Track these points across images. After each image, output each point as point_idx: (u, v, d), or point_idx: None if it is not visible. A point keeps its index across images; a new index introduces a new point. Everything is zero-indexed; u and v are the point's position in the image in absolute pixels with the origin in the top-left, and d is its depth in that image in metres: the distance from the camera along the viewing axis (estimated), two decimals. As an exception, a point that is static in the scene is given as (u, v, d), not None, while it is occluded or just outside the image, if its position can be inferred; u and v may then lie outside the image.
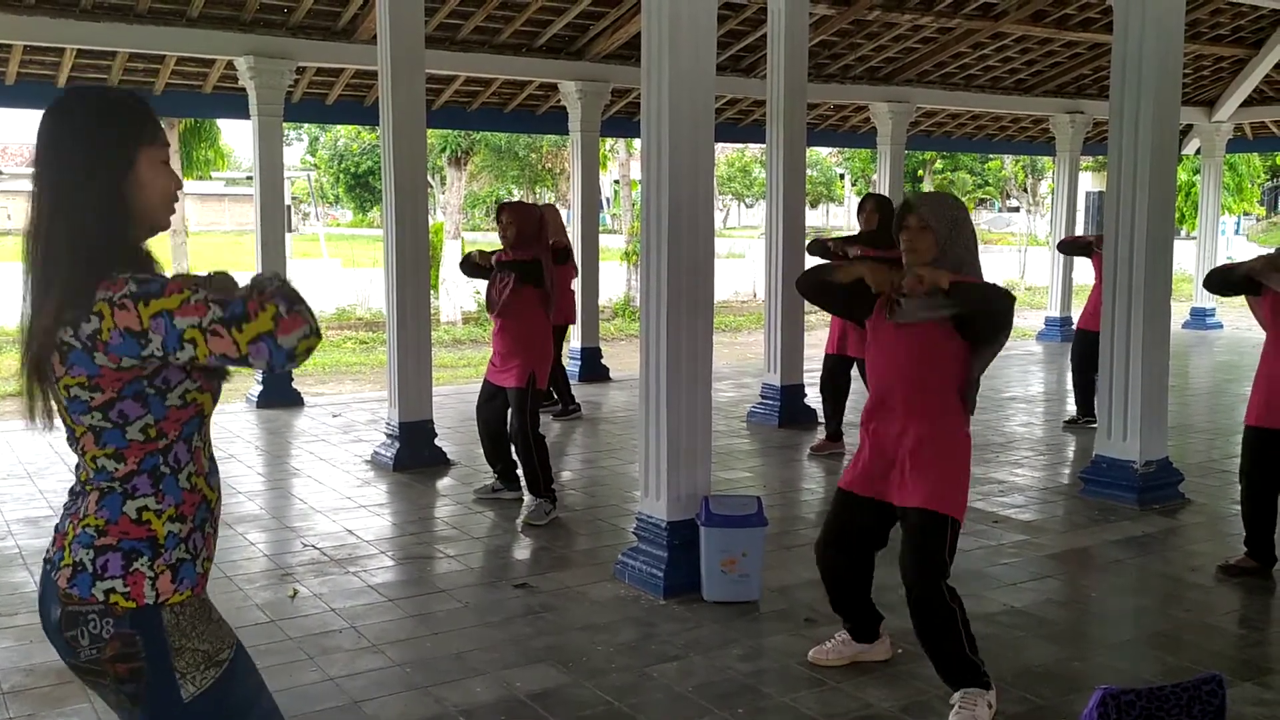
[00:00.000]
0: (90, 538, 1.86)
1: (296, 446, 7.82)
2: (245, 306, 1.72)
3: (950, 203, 3.51)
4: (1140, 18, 5.91)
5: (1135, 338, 6.03)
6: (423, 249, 7.12)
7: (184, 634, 1.88)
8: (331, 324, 17.35)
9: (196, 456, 1.93)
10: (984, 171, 36.46)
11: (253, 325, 1.71)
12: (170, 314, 1.73)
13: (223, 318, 1.72)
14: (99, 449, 1.86)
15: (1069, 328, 13.01)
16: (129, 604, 1.84)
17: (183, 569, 1.89)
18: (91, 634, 1.84)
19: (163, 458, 1.88)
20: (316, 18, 8.98)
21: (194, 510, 1.92)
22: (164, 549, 1.87)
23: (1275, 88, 14.04)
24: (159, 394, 1.84)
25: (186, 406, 1.88)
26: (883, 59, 11.85)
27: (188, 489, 1.91)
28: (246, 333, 1.71)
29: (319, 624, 4.34)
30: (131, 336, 1.75)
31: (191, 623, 1.89)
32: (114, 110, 1.89)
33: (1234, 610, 4.60)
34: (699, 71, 4.57)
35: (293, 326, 1.72)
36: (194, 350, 1.74)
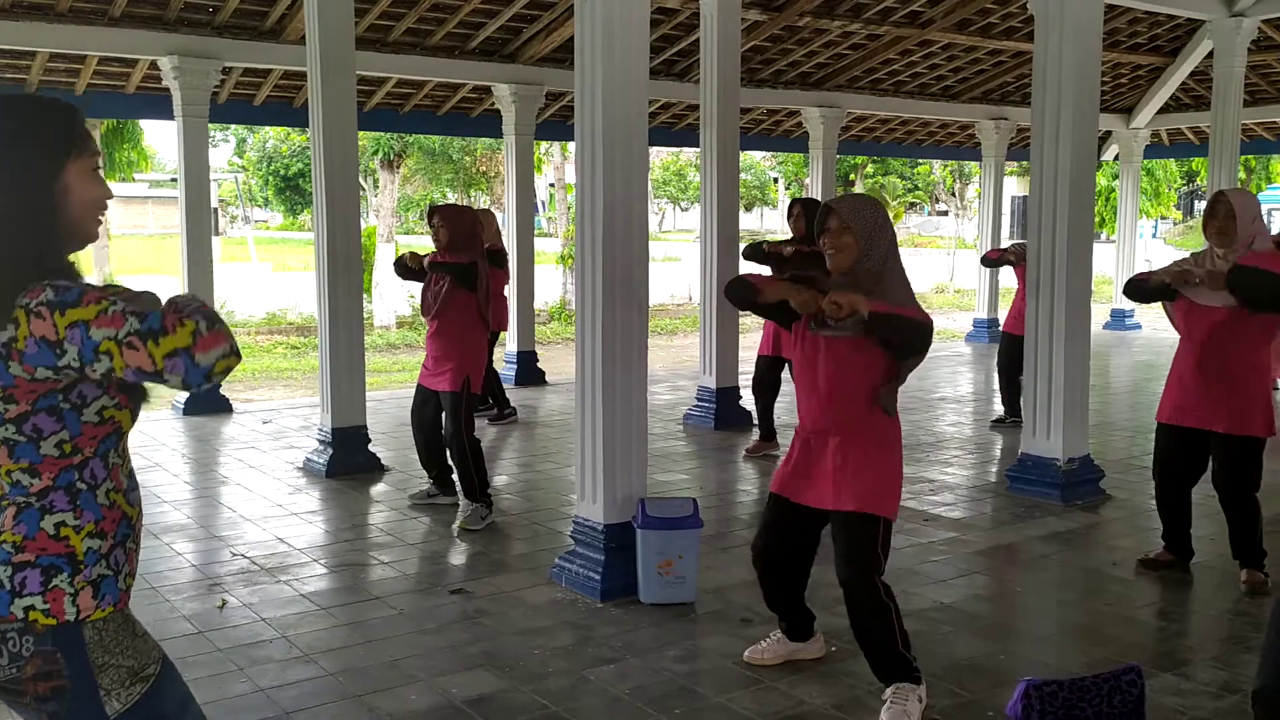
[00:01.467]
0: (7, 555, 1.81)
1: (225, 454, 7.69)
2: (163, 321, 1.69)
3: (870, 205, 3.56)
4: (1059, 27, 6.07)
5: (1058, 339, 6.18)
6: (355, 252, 7.04)
7: (107, 650, 1.84)
8: (261, 329, 17.07)
9: (114, 473, 1.89)
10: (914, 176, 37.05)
11: (170, 340, 1.67)
12: (86, 324, 1.69)
13: (139, 330, 1.68)
14: (13, 463, 1.81)
15: (996, 329, 13.28)
16: (49, 621, 1.80)
17: (104, 585, 1.85)
18: (11, 652, 1.80)
19: (78, 474, 1.84)
20: (243, 17, 8.84)
21: (114, 526, 1.88)
22: (84, 565, 1.84)
23: (1191, 95, 14.48)
24: (74, 410, 1.80)
25: (103, 423, 1.84)
26: (814, 64, 12.01)
27: (106, 505, 1.87)
28: (163, 347, 1.67)
29: (249, 634, 4.28)
30: (47, 346, 1.70)
31: (115, 639, 1.86)
32: (43, 118, 1.84)
33: (1153, 603, 4.74)
34: (632, 76, 4.60)
35: (212, 344, 1.69)
36: (110, 363, 1.69)
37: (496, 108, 10.79)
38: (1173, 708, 3.57)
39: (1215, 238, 4.64)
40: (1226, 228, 4.58)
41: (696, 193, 18.59)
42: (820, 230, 3.50)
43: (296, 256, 29.43)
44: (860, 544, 3.45)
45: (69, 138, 1.84)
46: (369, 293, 17.84)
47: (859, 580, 3.45)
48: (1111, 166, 19.37)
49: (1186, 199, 40.25)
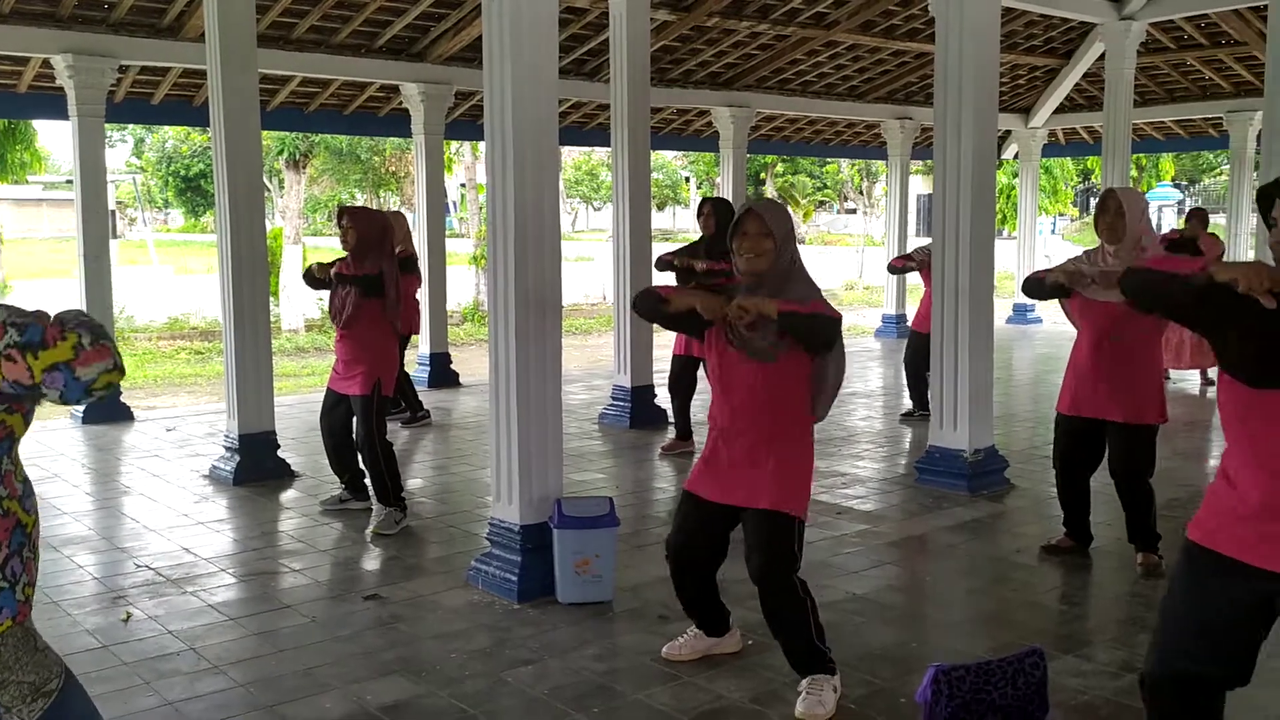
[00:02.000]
0: None
1: (127, 463, 7.46)
2: (44, 334, 1.64)
3: (786, 212, 3.66)
4: (959, 29, 6.23)
5: (962, 334, 6.35)
6: (260, 255, 6.90)
7: (6, 666, 1.78)
8: (163, 334, 16.59)
9: (7, 480, 1.83)
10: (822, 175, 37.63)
11: (50, 354, 1.63)
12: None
13: (19, 343, 1.64)
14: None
15: (904, 324, 13.58)
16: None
17: (1, 598, 1.79)
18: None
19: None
20: (139, 14, 8.58)
21: (8, 535, 1.82)
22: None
23: (1085, 96, 14.98)
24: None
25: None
26: (723, 64, 12.11)
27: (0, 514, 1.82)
28: (43, 360, 1.63)
29: (155, 647, 4.16)
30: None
31: (15, 654, 1.80)
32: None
33: (1055, 588, 4.90)
34: (542, 75, 4.59)
35: (94, 359, 1.64)
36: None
37: (405, 107, 10.66)
38: (1074, 688, 3.70)
39: (1106, 234, 4.82)
40: (1116, 224, 4.77)
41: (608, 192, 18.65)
42: (737, 232, 3.53)
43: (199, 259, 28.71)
44: (775, 542, 3.49)
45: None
46: (276, 296, 17.48)
47: (775, 578, 3.50)
48: (1011, 165, 19.91)
49: (1083, 196, 41.59)
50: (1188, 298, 2.42)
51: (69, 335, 1.65)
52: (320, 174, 26.96)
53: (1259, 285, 2.21)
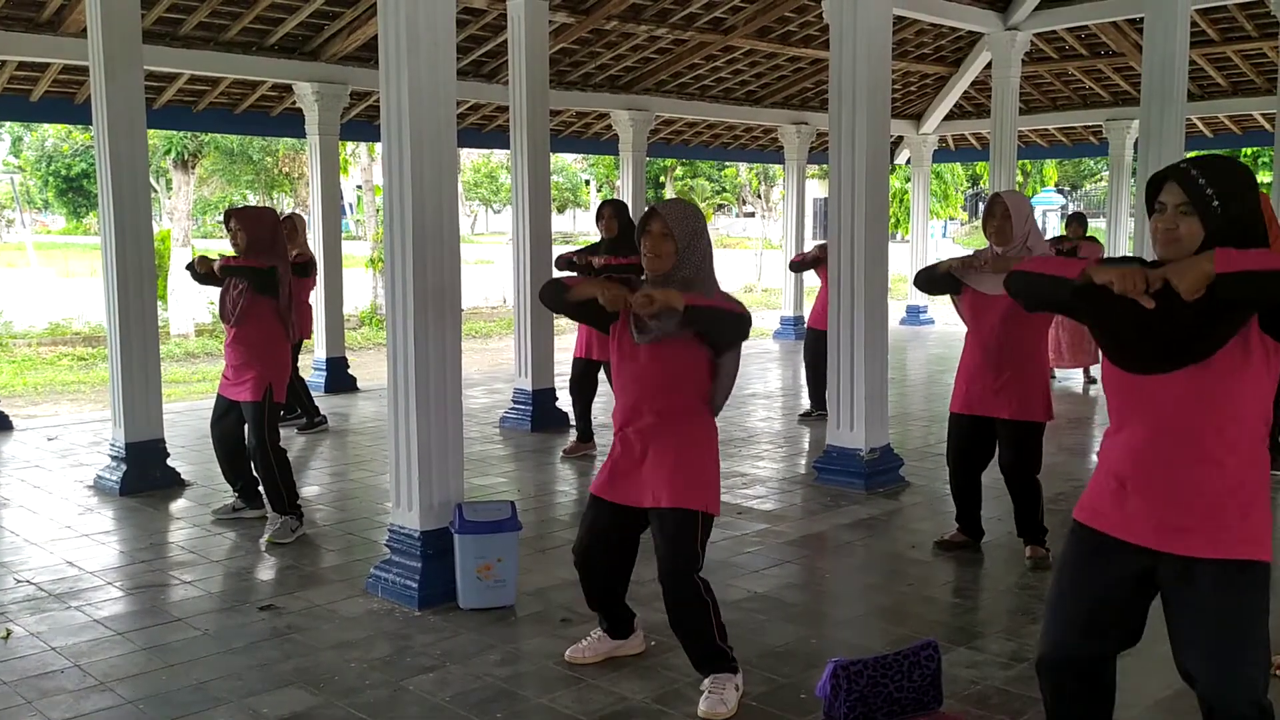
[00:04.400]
0: None
1: (6, 474, 7.14)
2: None
3: (692, 212, 3.63)
4: (853, 36, 6.36)
5: (858, 335, 6.48)
6: (146, 257, 6.68)
7: None
8: (44, 340, 15.93)
9: None
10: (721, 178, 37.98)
11: None
12: None
13: None
14: None
15: (802, 326, 13.78)
16: None
17: None
18: None
19: None
20: (16, 7, 8.22)
21: None
22: None
23: (973, 103, 15.43)
24: None
25: None
26: (622, 68, 12.15)
27: None
28: None
29: (37, 664, 3.99)
30: None
31: None
32: None
33: (949, 581, 5.03)
34: (439, 76, 4.54)
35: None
36: None
37: (298, 107, 10.44)
38: (967, 679, 3.80)
39: (994, 236, 4.98)
40: (1004, 227, 4.94)
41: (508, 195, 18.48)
42: (642, 233, 3.55)
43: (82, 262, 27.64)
44: (678, 540, 3.52)
45: None
46: (164, 300, 16.93)
47: (677, 576, 3.52)
48: (904, 170, 20.40)
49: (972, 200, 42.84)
50: (1070, 297, 2.53)
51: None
52: (210, 174, 26.20)
53: (1133, 288, 2.33)
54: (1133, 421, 2.53)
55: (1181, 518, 2.45)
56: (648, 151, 13.38)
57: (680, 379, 3.55)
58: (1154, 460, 2.48)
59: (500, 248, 31.13)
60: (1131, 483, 2.52)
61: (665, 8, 10.78)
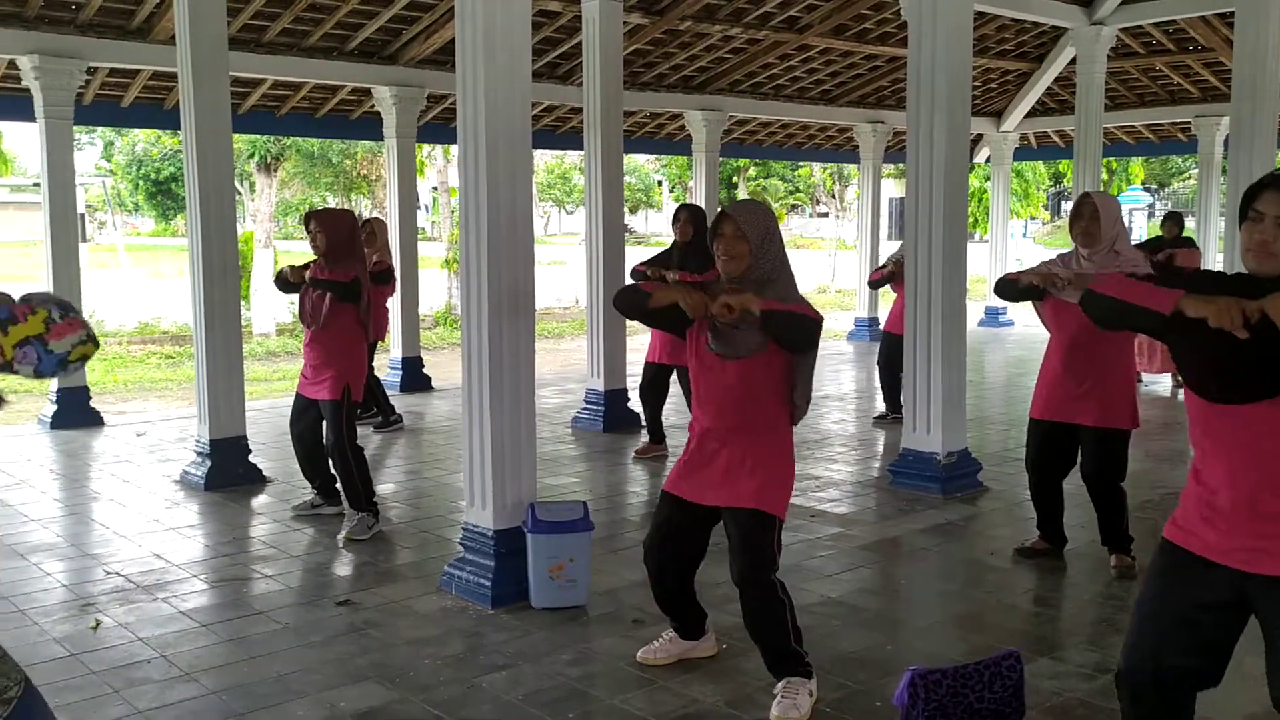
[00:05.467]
0: None
1: (97, 469, 7.37)
2: (12, 310, 1.63)
3: (763, 212, 3.61)
4: (932, 33, 6.26)
5: (935, 337, 6.37)
6: (231, 258, 6.84)
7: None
8: (134, 339, 16.42)
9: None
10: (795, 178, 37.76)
11: (20, 328, 1.62)
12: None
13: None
14: None
15: (876, 328, 13.64)
16: None
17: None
18: None
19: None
20: (108, 15, 8.49)
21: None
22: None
23: (1056, 100, 15.10)
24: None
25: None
26: (696, 68, 12.13)
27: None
28: (13, 336, 1.62)
29: (125, 655, 4.11)
30: None
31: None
32: None
33: (1030, 590, 4.92)
34: (515, 78, 4.57)
35: (66, 331, 1.63)
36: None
37: (377, 110, 10.61)
38: (1050, 690, 3.71)
39: (1081, 238, 4.84)
40: (1091, 229, 4.79)
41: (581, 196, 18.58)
42: (714, 236, 3.54)
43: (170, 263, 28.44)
44: (755, 541, 3.49)
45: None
46: (247, 300, 17.34)
47: (754, 578, 3.50)
48: (983, 168, 20.07)
49: (1054, 200, 41.97)
50: (1154, 326, 2.47)
51: (38, 310, 1.63)
52: (292, 177, 26.79)
53: (1230, 323, 2.26)
54: (1217, 447, 2.48)
55: (1270, 541, 2.39)
56: (721, 152, 13.32)
57: (758, 389, 3.52)
58: (1240, 485, 2.43)
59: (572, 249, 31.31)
60: (1219, 506, 2.47)
61: (740, 7, 10.73)
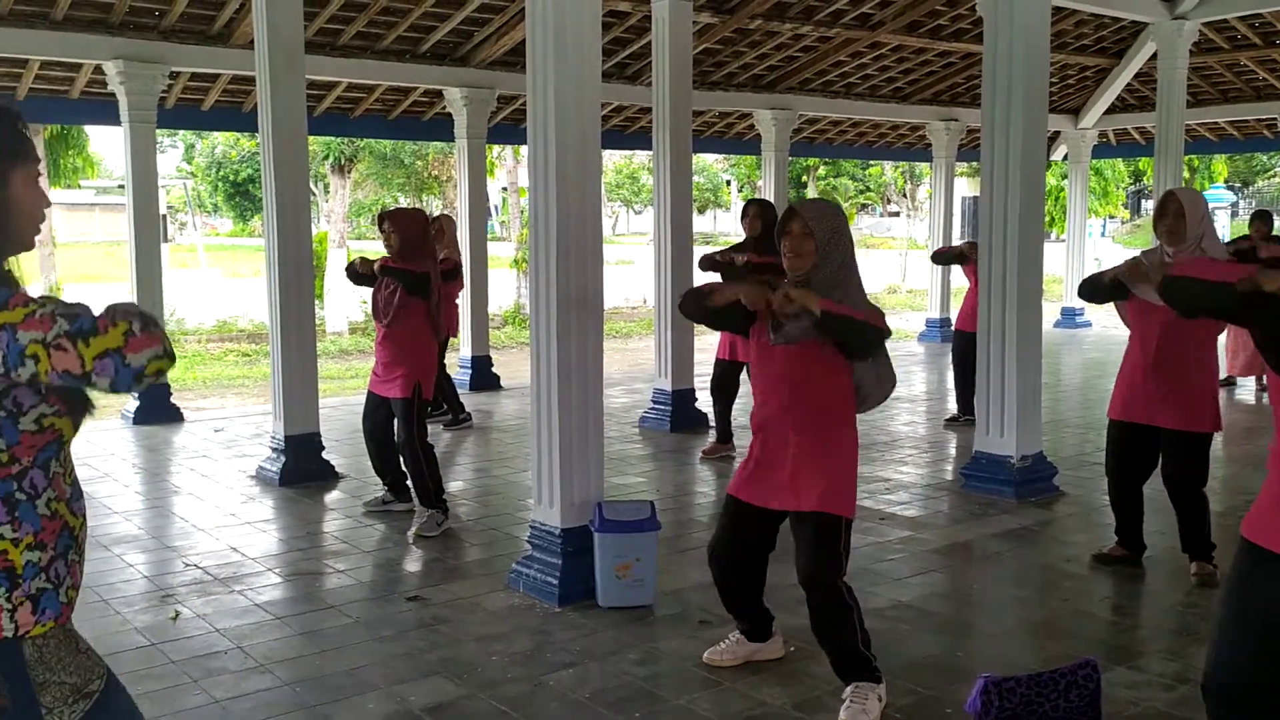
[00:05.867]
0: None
1: (177, 463, 7.56)
2: (95, 321, 1.65)
3: (831, 211, 3.57)
4: (1009, 29, 6.14)
5: (1010, 338, 6.25)
6: (306, 258, 6.96)
7: (48, 667, 1.79)
8: (212, 337, 16.82)
9: (55, 482, 1.83)
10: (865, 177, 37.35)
11: (101, 340, 1.63)
12: (13, 327, 1.64)
13: (69, 331, 1.63)
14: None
15: (948, 328, 13.42)
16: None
17: (44, 599, 1.80)
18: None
19: (17, 484, 1.78)
20: (190, 21, 8.71)
21: (55, 537, 1.82)
22: (22, 579, 1.78)
23: (1136, 96, 14.74)
24: (11, 417, 1.74)
25: (43, 432, 1.79)
26: (765, 67, 12.06)
27: (47, 515, 1.81)
28: (94, 347, 1.63)
29: (203, 645, 4.20)
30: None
31: (56, 655, 1.80)
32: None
33: (1107, 597, 4.80)
34: (585, 79, 4.58)
35: (144, 345, 1.65)
36: (35, 367, 1.64)
37: (448, 111, 10.73)
38: (1127, 700, 3.62)
39: (1165, 236, 4.71)
40: (1176, 227, 4.65)
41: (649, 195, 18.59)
42: (781, 233, 3.51)
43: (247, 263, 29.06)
44: (822, 544, 3.46)
45: (15, 146, 1.79)
46: (321, 299, 17.64)
47: (821, 581, 3.46)
48: (1060, 166, 19.66)
49: (1134, 198, 40.97)
50: (1232, 306, 2.38)
51: (119, 323, 1.65)
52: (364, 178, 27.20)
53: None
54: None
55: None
56: (790, 151, 13.23)
57: (819, 384, 3.48)
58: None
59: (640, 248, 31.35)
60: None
61: (811, 5, 10.64)
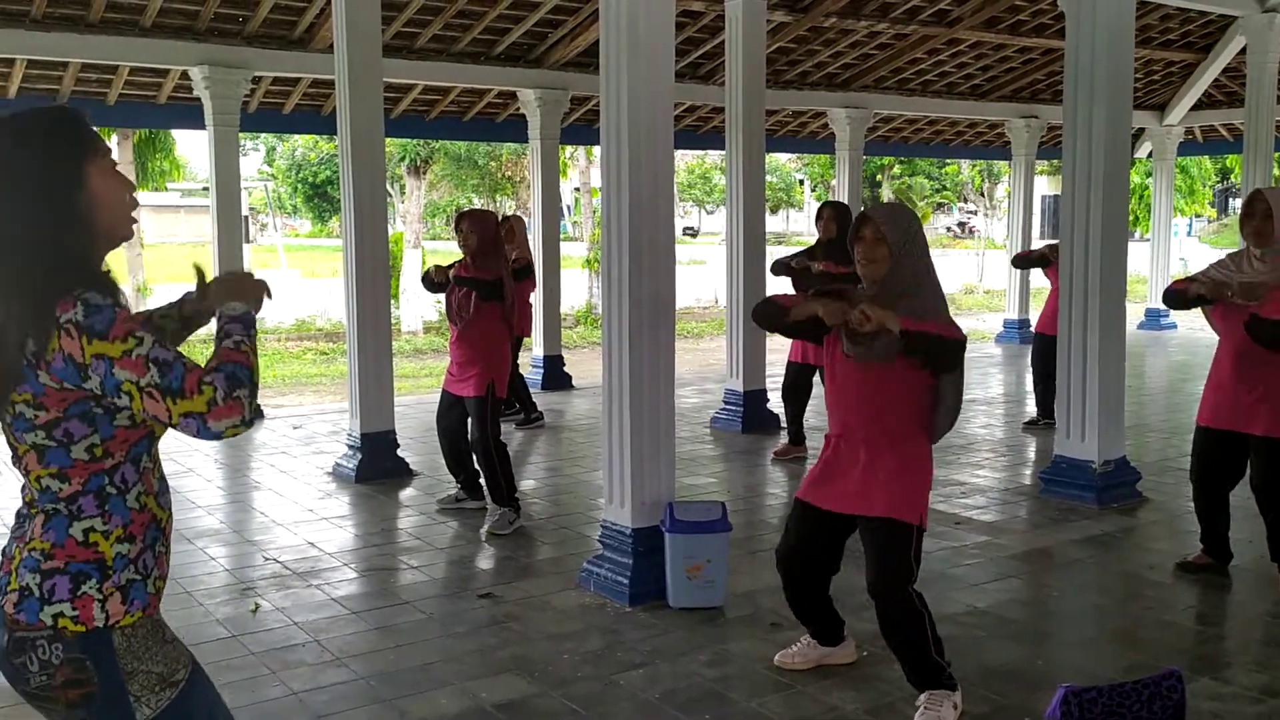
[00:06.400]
0: (36, 562, 1.82)
1: (257, 459, 7.74)
2: (184, 382, 1.73)
3: (905, 214, 3.53)
4: (1091, 24, 6.00)
5: (1092, 339, 6.10)
6: (382, 259, 7.07)
7: (137, 656, 1.84)
8: (291, 335, 17.20)
9: (145, 477, 1.90)
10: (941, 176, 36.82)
11: (186, 403, 1.73)
12: (111, 361, 1.72)
13: (159, 385, 1.72)
14: (42, 468, 1.82)
15: (1027, 330, 13.16)
16: (78, 628, 1.80)
17: (133, 590, 1.85)
18: (40, 660, 1.80)
19: (109, 478, 1.84)
20: (272, 27, 8.91)
21: (143, 530, 1.89)
22: (113, 571, 1.84)
23: (1224, 91, 14.30)
24: (107, 414, 1.81)
25: (136, 427, 1.85)
26: (840, 65, 11.95)
27: (136, 509, 1.87)
28: (180, 407, 1.73)
29: (281, 638, 4.29)
30: (73, 366, 1.73)
31: (144, 645, 1.86)
32: (52, 127, 1.84)
33: (1192, 606, 4.67)
34: (658, 79, 4.58)
35: (225, 415, 1.74)
36: (130, 402, 1.74)
37: (522, 113, 10.82)
38: (1212, 712, 3.51)
39: (1252, 237, 4.56)
40: (1263, 228, 4.51)
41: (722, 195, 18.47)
42: (854, 239, 3.47)
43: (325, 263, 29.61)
44: (891, 552, 3.41)
45: (81, 141, 1.85)
46: (396, 299, 17.92)
47: (890, 589, 3.42)
48: (1144, 164, 19.16)
49: (1221, 196, 39.74)
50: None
51: (205, 389, 1.74)
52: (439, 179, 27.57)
53: None
54: None
55: None
56: (865, 150, 13.09)
57: (895, 400, 3.43)
58: None
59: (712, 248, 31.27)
60: None
61: (886, 2, 10.52)
